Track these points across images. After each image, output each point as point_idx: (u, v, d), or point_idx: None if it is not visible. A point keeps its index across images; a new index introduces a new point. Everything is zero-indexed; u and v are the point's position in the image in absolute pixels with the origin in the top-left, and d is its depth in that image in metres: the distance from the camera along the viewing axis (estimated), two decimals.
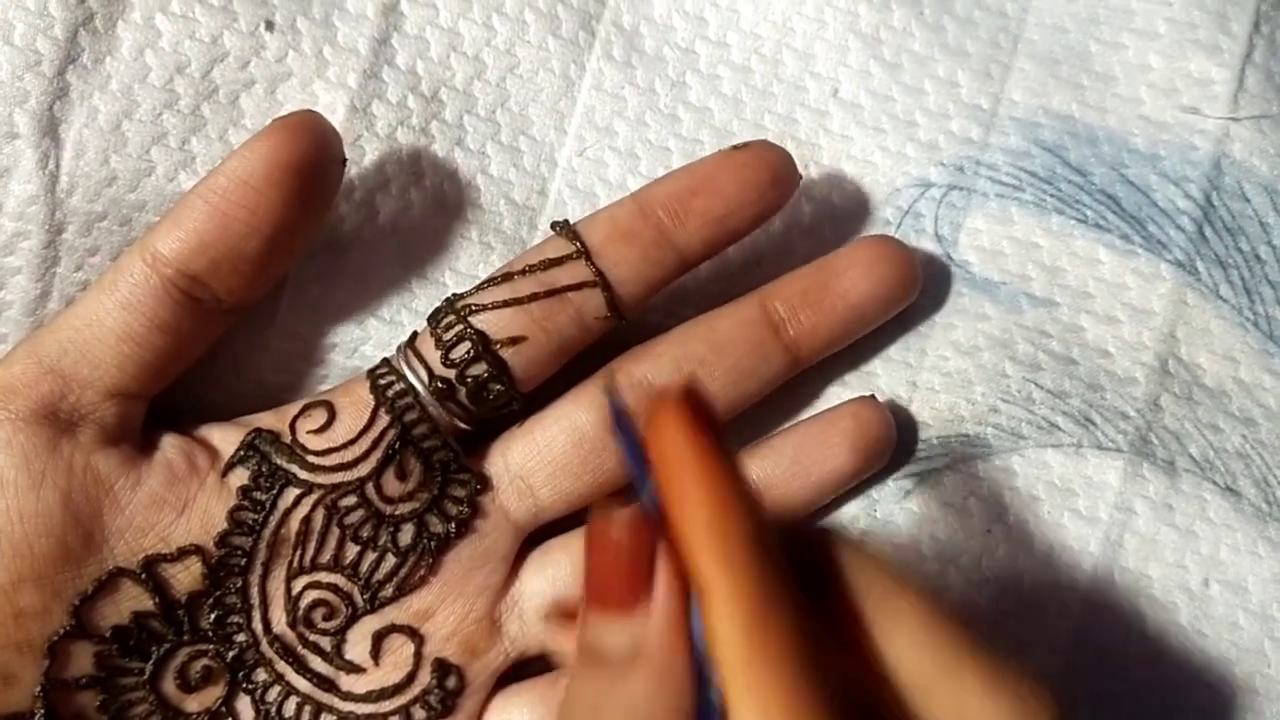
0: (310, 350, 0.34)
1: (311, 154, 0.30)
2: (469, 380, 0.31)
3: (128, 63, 0.33)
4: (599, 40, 0.36)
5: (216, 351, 0.33)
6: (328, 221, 0.34)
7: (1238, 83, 0.35)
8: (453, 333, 0.31)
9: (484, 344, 0.31)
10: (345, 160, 0.31)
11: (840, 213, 0.36)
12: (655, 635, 0.23)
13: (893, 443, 0.34)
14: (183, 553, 0.30)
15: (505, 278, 0.32)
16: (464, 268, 0.35)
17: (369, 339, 0.34)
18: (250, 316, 0.33)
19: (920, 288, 0.34)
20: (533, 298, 0.31)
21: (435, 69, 0.35)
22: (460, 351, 0.31)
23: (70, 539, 0.29)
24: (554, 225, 0.32)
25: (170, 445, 0.31)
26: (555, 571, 0.33)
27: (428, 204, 0.35)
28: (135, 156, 0.33)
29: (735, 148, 0.32)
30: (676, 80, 0.36)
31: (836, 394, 0.35)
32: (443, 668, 0.32)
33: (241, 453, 0.31)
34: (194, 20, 0.33)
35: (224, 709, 0.31)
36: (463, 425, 0.32)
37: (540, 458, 0.32)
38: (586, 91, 0.36)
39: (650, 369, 0.33)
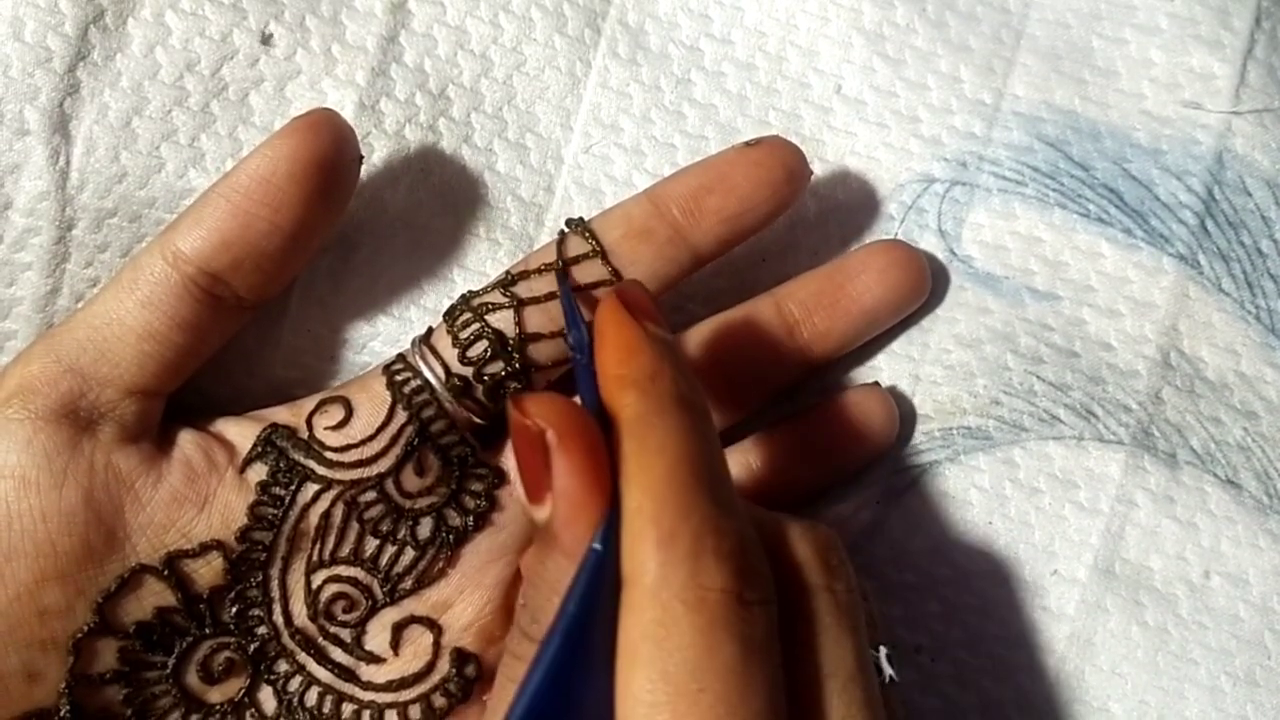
0: (320, 346, 0.35)
1: (331, 151, 0.30)
2: (486, 378, 0.32)
3: (138, 60, 0.33)
4: (604, 38, 0.36)
5: (227, 347, 0.33)
6: None
7: (1239, 77, 0.36)
8: (470, 331, 0.32)
9: (501, 343, 0.31)
10: (361, 157, 0.31)
11: (844, 208, 0.36)
12: (558, 520, 0.24)
13: (896, 431, 0.34)
14: (204, 548, 0.31)
15: (522, 276, 0.32)
16: (472, 264, 0.35)
17: (378, 335, 0.35)
18: (261, 312, 0.33)
19: (930, 291, 0.35)
20: (549, 297, 0.32)
21: (443, 66, 0.35)
22: (477, 350, 0.31)
23: (93, 537, 0.29)
24: (569, 223, 0.33)
25: (188, 442, 0.31)
26: None
27: (436, 201, 0.35)
28: (145, 153, 0.33)
29: (748, 144, 0.33)
30: (681, 77, 0.36)
31: (840, 386, 0.36)
32: (461, 657, 0.32)
33: (259, 448, 0.31)
34: (204, 18, 0.34)
35: (246, 699, 0.31)
36: (478, 420, 0.32)
37: None
38: (592, 89, 0.36)
39: None
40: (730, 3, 0.36)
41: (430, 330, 0.33)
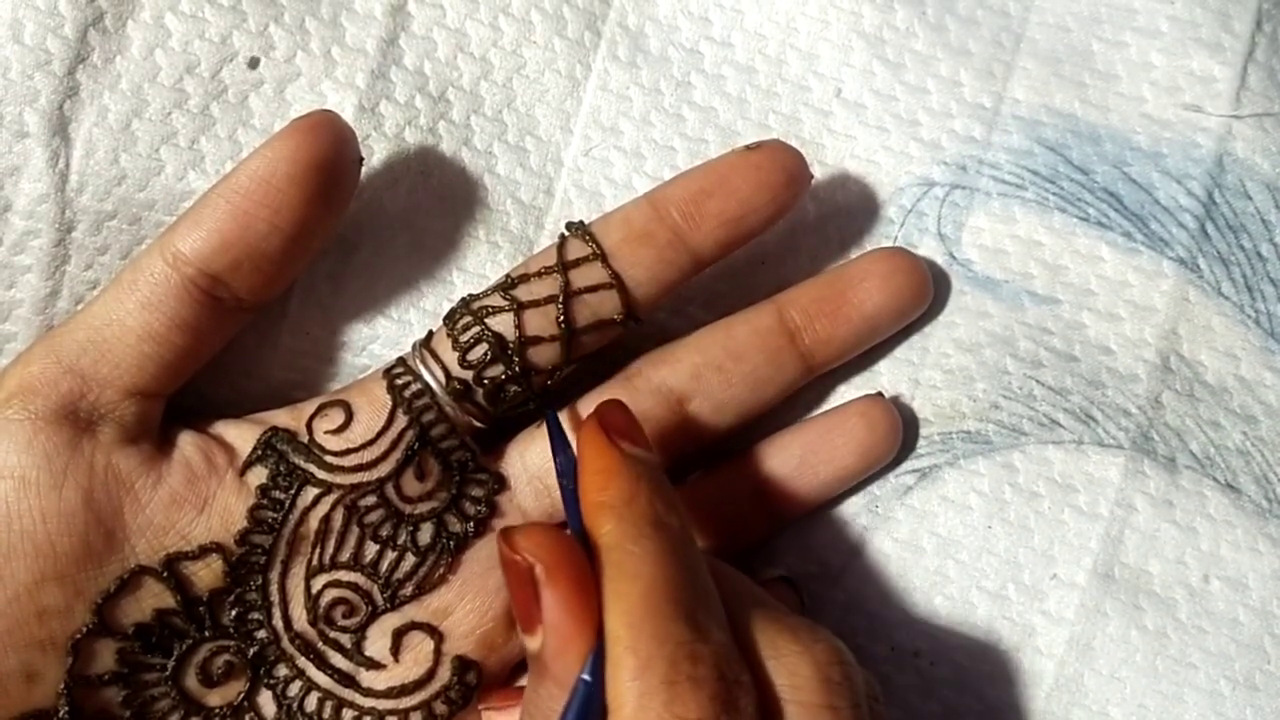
0: (319, 348, 0.35)
1: (331, 153, 0.30)
2: (486, 382, 0.31)
3: (137, 62, 0.33)
4: (604, 41, 0.36)
5: (226, 349, 0.33)
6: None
7: (1240, 80, 0.36)
8: (470, 334, 0.31)
9: (501, 346, 0.31)
10: (361, 159, 0.31)
11: (844, 212, 0.36)
12: (548, 652, 0.25)
13: (899, 441, 0.34)
14: (204, 550, 0.31)
15: (522, 279, 0.32)
16: (472, 266, 0.35)
17: (378, 337, 0.35)
18: (260, 315, 0.33)
19: (931, 298, 0.35)
20: (549, 300, 0.31)
21: (442, 69, 0.35)
22: (478, 353, 0.31)
23: (92, 538, 0.29)
24: (569, 226, 0.32)
25: (188, 443, 0.31)
26: None
27: (435, 203, 0.35)
28: (145, 155, 0.33)
29: (748, 147, 0.33)
30: (681, 80, 0.36)
31: (841, 391, 0.36)
32: (462, 664, 0.32)
33: (259, 451, 0.31)
34: (203, 20, 0.34)
35: (245, 703, 0.31)
36: (479, 424, 0.32)
37: None
38: (592, 91, 0.36)
39: (669, 374, 0.33)
40: (730, 5, 0.36)
41: (430, 334, 0.32)
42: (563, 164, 0.36)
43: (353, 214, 0.34)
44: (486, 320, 0.31)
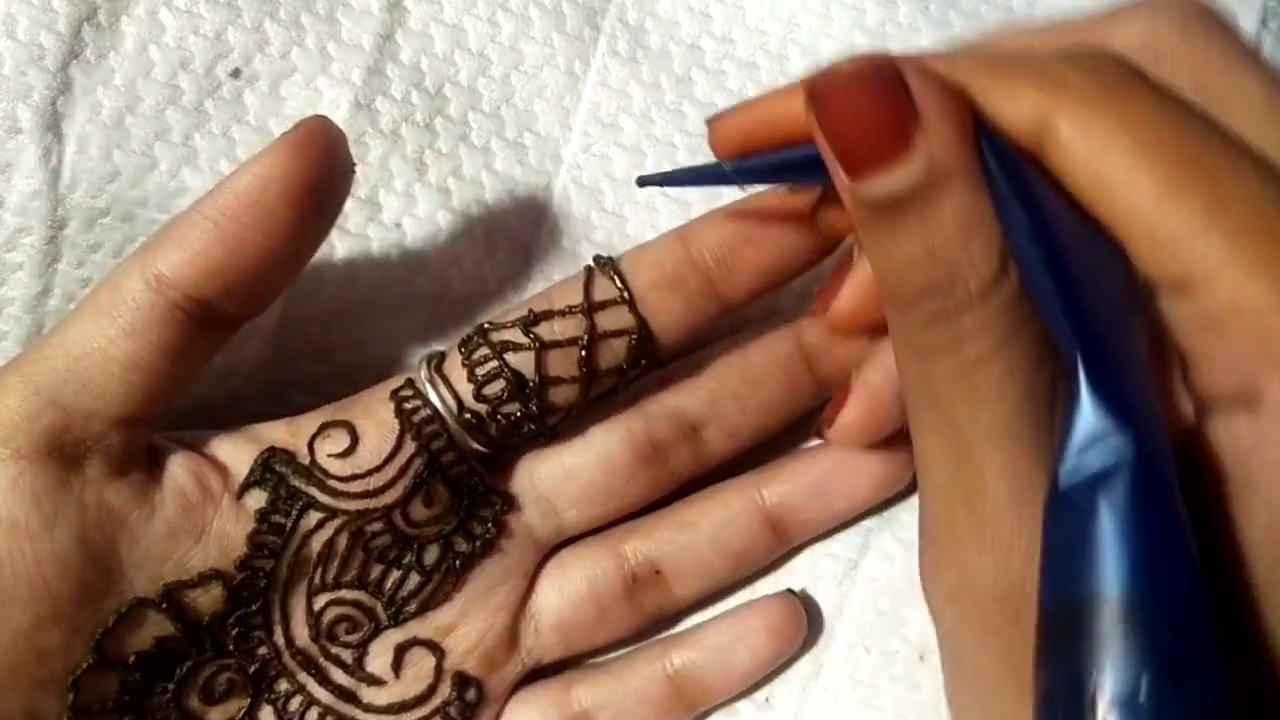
0: (314, 348, 0.34)
1: (324, 167, 0.28)
2: (501, 418, 0.31)
3: (131, 58, 0.33)
4: (604, 36, 0.36)
5: (219, 352, 0.32)
6: None
7: None
8: (488, 369, 0.30)
9: (520, 385, 0.30)
10: (354, 166, 0.30)
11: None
12: (948, 148, 0.21)
13: (911, 476, 0.34)
14: (203, 578, 0.29)
15: (545, 315, 0.31)
16: (469, 264, 0.35)
17: (374, 337, 0.34)
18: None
19: None
20: (572, 342, 0.30)
21: (440, 65, 0.35)
22: (494, 389, 0.30)
23: (89, 577, 0.28)
24: (597, 260, 0.31)
25: (179, 467, 0.30)
26: (569, 585, 0.33)
27: (432, 200, 0.35)
28: (138, 152, 0.33)
29: (791, 190, 0.30)
30: (682, 76, 0.36)
31: None
32: (463, 680, 0.32)
33: (257, 474, 0.30)
34: (198, 15, 0.33)
35: (247, 719, 0.31)
36: (484, 450, 0.31)
37: (568, 482, 0.32)
38: (591, 87, 0.36)
39: (685, 400, 0.32)
40: (732, 1, 0.36)
41: (442, 356, 0.31)
42: (561, 160, 0.35)
43: (348, 211, 0.34)
44: (506, 355, 0.30)
